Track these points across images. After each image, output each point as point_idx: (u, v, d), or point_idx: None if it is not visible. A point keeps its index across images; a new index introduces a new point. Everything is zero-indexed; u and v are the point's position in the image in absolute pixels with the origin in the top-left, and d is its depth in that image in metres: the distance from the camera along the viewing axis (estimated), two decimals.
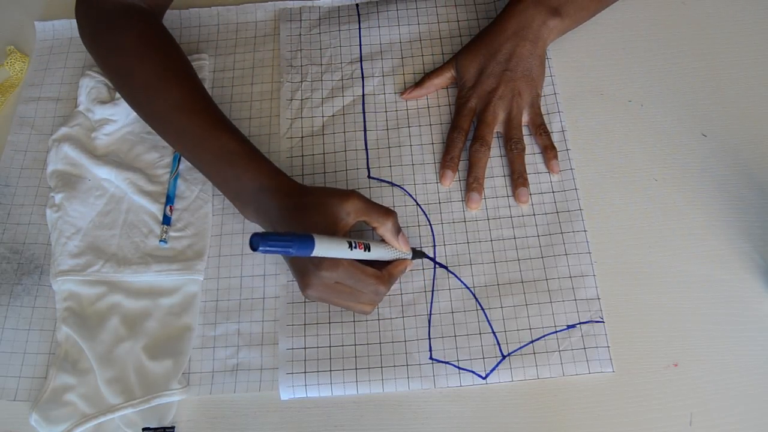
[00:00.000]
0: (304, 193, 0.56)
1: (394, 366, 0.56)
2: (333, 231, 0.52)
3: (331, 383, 0.55)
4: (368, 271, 0.53)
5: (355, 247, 0.51)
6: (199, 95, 0.60)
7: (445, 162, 0.63)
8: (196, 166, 0.61)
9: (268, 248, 0.45)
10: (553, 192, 0.62)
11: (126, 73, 0.61)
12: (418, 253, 0.59)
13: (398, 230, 0.56)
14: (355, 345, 0.57)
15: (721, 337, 0.55)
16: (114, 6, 0.62)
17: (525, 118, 0.65)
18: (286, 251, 0.46)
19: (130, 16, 0.62)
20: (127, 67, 0.61)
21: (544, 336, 0.56)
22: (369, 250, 0.53)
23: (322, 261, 0.50)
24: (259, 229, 0.61)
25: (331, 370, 0.56)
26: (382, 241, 0.56)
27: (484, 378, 0.55)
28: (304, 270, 0.52)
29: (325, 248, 0.48)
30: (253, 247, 0.44)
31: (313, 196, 0.55)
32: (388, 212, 0.55)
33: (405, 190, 0.64)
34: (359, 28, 0.73)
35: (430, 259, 0.60)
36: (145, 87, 0.60)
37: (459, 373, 0.55)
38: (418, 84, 0.68)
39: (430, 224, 0.62)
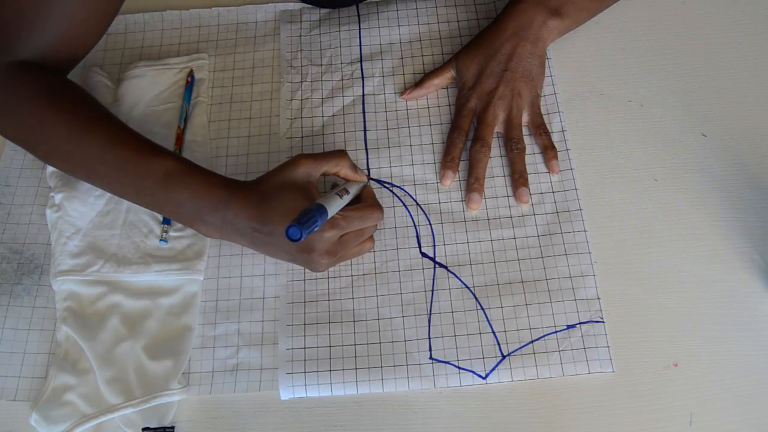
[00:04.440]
0: (257, 186, 0.56)
1: (394, 366, 0.56)
2: (310, 197, 0.54)
3: (331, 383, 0.55)
4: (361, 208, 0.57)
5: (341, 195, 0.55)
6: (127, 129, 0.57)
7: (446, 162, 0.63)
8: (142, 200, 0.57)
9: (309, 231, 0.48)
10: (553, 192, 0.62)
11: (42, 126, 0.56)
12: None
13: (354, 165, 0.60)
14: (355, 345, 0.57)
15: (721, 337, 0.55)
16: (10, 65, 0.57)
17: (525, 119, 0.65)
18: (317, 225, 0.49)
19: (32, 72, 0.57)
20: (42, 119, 0.56)
21: (544, 336, 0.56)
22: (349, 192, 0.57)
23: (323, 225, 0.52)
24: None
25: (331, 370, 0.56)
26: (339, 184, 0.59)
27: (484, 378, 0.55)
28: (310, 244, 0.54)
29: (331, 208, 0.52)
30: (296, 238, 0.47)
31: (267, 183, 0.56)
32: (340, 153, 0.58)
33: (405, 190, 0.64)
34: (359, 29, 0.73)
35: (430, 258, 0.60)
36: (69, 133, 0.56)
37: (459, 373, 0.55)
38: (418, 84, 0.68)
39: (430, 224, 0.62)
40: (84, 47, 0.61)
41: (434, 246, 0.61)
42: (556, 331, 0.56)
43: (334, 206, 0.53)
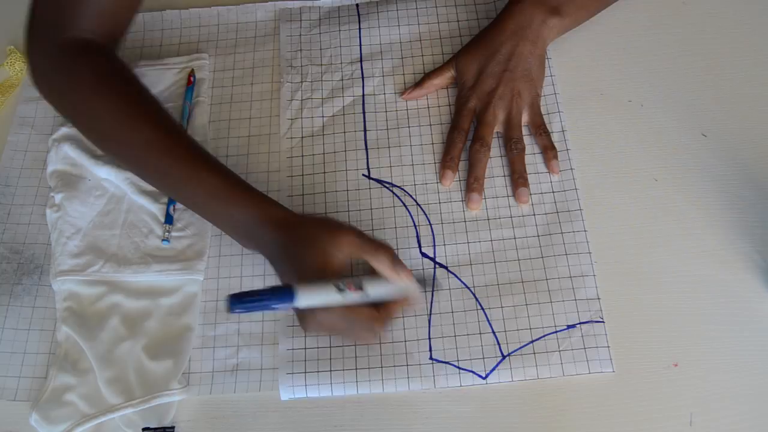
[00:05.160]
0: (297, 225, 0.54)
1: (394, 366, 0.56)
2: (323, 268, 0.51)
3: (331, 383, 0.55)
4: (362, 311, 0.51)
5: (345, 288, 0.49)
6: (172, 131, 0.57)
7: (445, 162, 0.63)
8: (184, 204, 0.59)
9: (245, 307, 0.44)
10: (553, 192, 0.62)
11: (90, 114, 0.57)
12: (424, 282, 0.56)
13: (396, 263, 0.53)
14: (355, 345, 0.57)
15: (721, 337, 0.55)
16: (68, 44, 0.57)
17: (525, 118, 0.65)
18: (265, 308, 0.45)
19: (86, 53, 0.57)
20: (89, 106, 0.56)
21: (544, 336, 0.56)
22: (361, 288, 0.50)
23: None
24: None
25: (331, 371, 0.56)
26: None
27: (484, 378, 0.55)
28: (302, 311, 0.51)
29: (309, 297, 0.48)
30: (229, 309, 0.43)
31: (305, 229, 0.53)
32: (383, 246, 0.53)
33: (405, 190, 0.64)
34: (359, 29, 0.73)
35: (430, 258, 0.60)
36: (114, 127, 0.56)
37: (459, 373, 0.55)
38: (418, 84, 0.68)
39: (430, 224, 0.62)
40: (127, 21, 0.61)
41: (434, 246, 0.61)
42: (556, 331, 0.56)
43: (320, 298, 0.48)
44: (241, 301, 0.44)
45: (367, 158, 0.65)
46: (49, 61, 0.58)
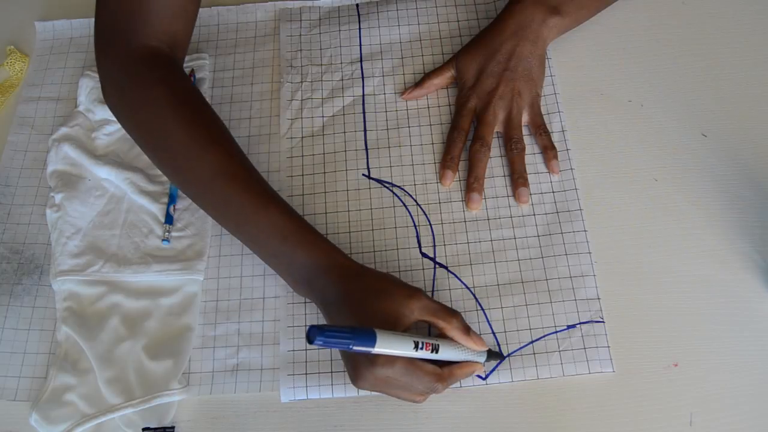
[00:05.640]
0: (363, 275, 0.53)
1: None
2: (393, 325, 0.49)
3: (332, 384, 0.55)
4: (426, 368, 0.49)
5: (422, 348, 0.48)
6: (241, 161, 0.56)
7: (445, 162, 0.63)
8: (241, 239, 0.56)
9: (326, 341, 0.43)
10: (553, 192, 0.62)
11: (160, 134, 0.55)
12: (493, 354, 0.54)
13: (467, 329, 0.52)
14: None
15: (721, 337, 0.55)
16: (138, 53, 0.56)
17: (525, 118, 0.65)
18: (345, 346, 0.44)
19: (157, 66, 0.56)
20: (160, 126, 0.55)
21: (544, 336, 0.56)
22: (437, 351, 0.49)
23: (377, 356, 0.47)
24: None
25: (332, 372, 0.56)
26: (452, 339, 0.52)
27: (484, 378, 0.55)
28: (357, 362, 0.49)
29: (387, 345, 0.46)
30: (310, 340, 0.42)
31: (376, 281, 0.52)
32: (453, 312, 0.52)
33: (405, 190, 0.64)
34: (359, 29, 0.73)
35: (430, 258, 0.60)
36: (184, 150, 0.54)
37: None
38: (418, 84, 0.68)
39: (430, 224, 0.62)
40: (189, 25, 0.60)
41: (434, 246, 0.61)
42: (556, 331, 0.56)
43: (397, 349, 0.47)
44: (324, 334, 0.43)
45: (367, 158, 0.65)
46: (121, 73, 0.56)
